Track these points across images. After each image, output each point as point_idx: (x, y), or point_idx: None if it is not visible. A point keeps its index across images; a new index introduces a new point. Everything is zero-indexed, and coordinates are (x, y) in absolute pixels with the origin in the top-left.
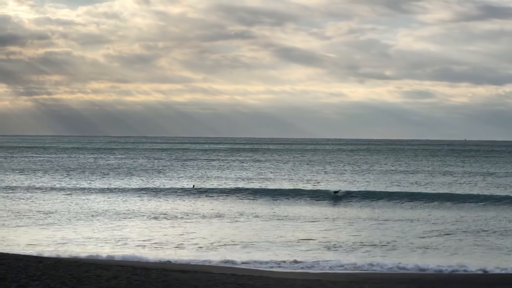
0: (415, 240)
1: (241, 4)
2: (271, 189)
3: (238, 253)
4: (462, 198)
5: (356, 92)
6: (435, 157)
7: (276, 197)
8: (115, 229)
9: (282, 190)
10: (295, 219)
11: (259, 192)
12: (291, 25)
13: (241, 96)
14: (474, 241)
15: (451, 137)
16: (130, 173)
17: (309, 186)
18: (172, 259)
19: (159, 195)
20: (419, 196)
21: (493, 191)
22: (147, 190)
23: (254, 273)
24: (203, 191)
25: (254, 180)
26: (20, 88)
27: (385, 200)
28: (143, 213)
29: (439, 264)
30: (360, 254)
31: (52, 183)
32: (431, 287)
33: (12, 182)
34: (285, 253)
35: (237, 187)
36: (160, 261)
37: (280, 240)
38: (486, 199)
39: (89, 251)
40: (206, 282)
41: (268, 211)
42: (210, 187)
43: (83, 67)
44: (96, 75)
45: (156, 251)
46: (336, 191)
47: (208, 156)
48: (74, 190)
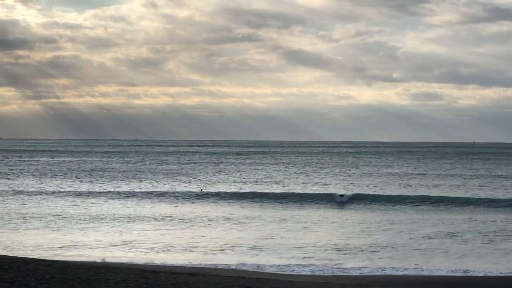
0: (423, 243)
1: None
2: (278, 193)
3: (246, 256)
4: (471, 201)
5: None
6: (443, 160)
7: (283, 201)
8: (124, 232)
9: (289, 194)
10: (303, 222)
11: (267, 196)
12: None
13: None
14: (482, 245)
15: (459, 139)
16: (138, 177)
17: (316, 189)
18: (181, 262)
19: (167, 199)
20: (427, 199)
21: (503, 194)
22: (155, 194)
23: (263, 276)
24: (211, 195)
25: (262, 183)
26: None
27: (392, 204)
28: (152, 217)
29: (447, 268)
30: (368, 257)
31: (61, 187)
32: None
33: (22, 186)
34: (293, 256)
35: (245, 191)
36: (169, 264)
37: (288, 243)
38: (495, 202)
39: (98, 254)
40: (215, 285)
41: (275, 214)
42: (218, 191)
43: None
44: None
45: (165, 254)
46: (342, 195)
47: (216, 160)
48: (83, 194)
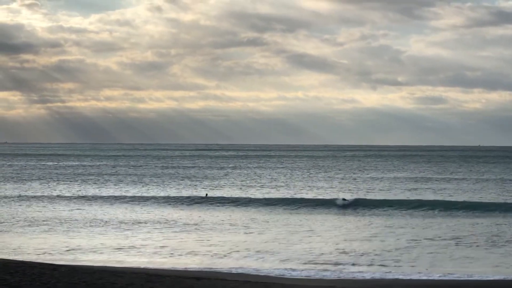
0: (426, 247)
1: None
2: (283, 198)
3: (252, 260)
4: (475, 206)
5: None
6: (448, 164)
7: (288, 205)
8: (129, 236)
9: (294, 199)
10: (307, 226)
11: (272, 200)
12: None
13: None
14: (486, 248)
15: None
16: (144, 181)
17: (321, 194)
18: (186, 266)
19: (173, 203)
20: (430, 204)
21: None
22: (161, 198)
23: (268, 280)
24: (216, 199)
25: (267, 188)
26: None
27: (396, 208)
28: (157, 221)
29: (450, 271)
30: (372, 261)
31: (67, 191)
32: None
33: (28, 190)
34: (298, 260)
35: (250, 196)
36: (174, 268)
37: (293, 247)
38: (500, 207)
39: (104, 258)
40: None
41: (280, 218)
42: (223, 196)
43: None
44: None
45: (170, 258)
46: (345, 199)
47: (221, 163)
48: (88, 198)
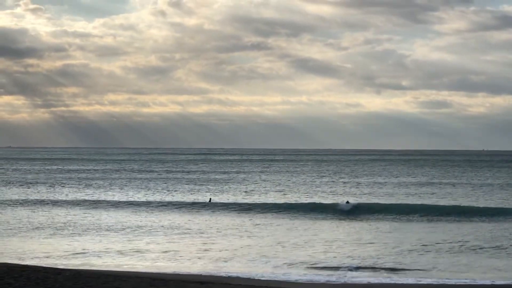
0: (429, 251)
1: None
2: (287, 202)
3: (256, 265)
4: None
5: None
6: (453, 168)
7: (292, 209)
8: (133, 241)
9: (298, 204)
10: (311, 231)
11: (276, 205)
12: (307, 36)
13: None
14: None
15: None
16: (148, 185)
17: (324, 198)
18: (190, 271)
19: (177, 208)
20: (433, 208)
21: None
22: (165, 203)
23: (272, 284)
24: (220, 204)
25: (271, 192)
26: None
27: (400, 213)
28: (161, 225)
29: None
30: (375, 265)
31: (71, 195)
32: None
33: (33, 194)
34: (302, 264)
35: (253, 201)
36: (178, 273)
37: (297, 252)
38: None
39: (108, 263)
40: None
41: (284, 223)
42: (227, 201)
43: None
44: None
45: (174, 263)
46: (349, 202)
47: (225, 168)
48: (93, 202)
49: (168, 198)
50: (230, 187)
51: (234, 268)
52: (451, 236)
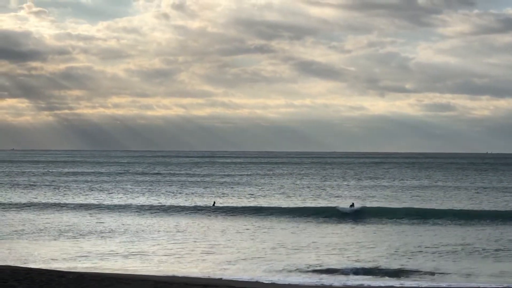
0: (432, 254)
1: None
2: (291, 206)
3: (259, 268)
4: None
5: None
6: (458, 171)
7: (295, 213)
8: (137, 244)
9: (302, 207)
10: (315, 234)
11: (278, 209)
12: (311, 39)
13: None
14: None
15: (473, 150)
16: (152, 188)
17: (328, 202)
18: (194, 274)
19: (180, 212)
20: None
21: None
22: (168, 206)
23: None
24: (224, 208)
25: (275, 195)
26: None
27: (403, 216)
28: (165, 228)
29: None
30: (378, 269)
31: (76, 198)
32: None
33: (37, 197)
34: (305, 267)
35: (258, 204)
36: (182, 275)
37: (300, 255)
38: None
39: (112, 266)
40: None
41: (288, 226)
42: (231, 205)
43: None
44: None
45: (178, 266)
46: (352, 205)
47: (229, 171)
48: (97, 205)
49: (172, 201)
50: (234, 190)
51: (238, 271)
52: (455, 239)
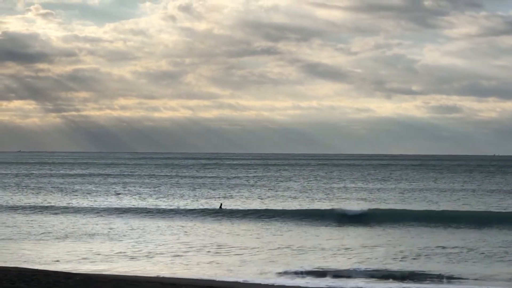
0: (438, 257)
1: (267, 20)
2: (298, 209)
3: (266, 269)
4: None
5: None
6: (465, 173)
7: (303, 216)
8: (144, 246)
9: (309, 209)
10: (321, 236)
11: (286, 211)
12: (317, 41)
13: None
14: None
15: (480, 152)
16: (159, 191)
17: (334, 203)
18: (201, 275)
19: (187, 214)
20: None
21: None
22: (176, 208)
23: None
24: (231, 211)
25: (282, 198)
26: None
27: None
28: (171, 231)
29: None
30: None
31: (83, 200)
32: None
33: (45, 201)
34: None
35: (264, 207)
36: (189, 277)
37: (307, 258)
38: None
39: (119, 267)
40: None
41: (294, 228)
42: (238, 207)
43: (111, 84)
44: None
45: (185, 267)
46: (358, 209)
47: (237, 173)
48: (104, 207)
49: (179, 203)
50: (241, 193)
51: (244, 273)
52: (464, 243)
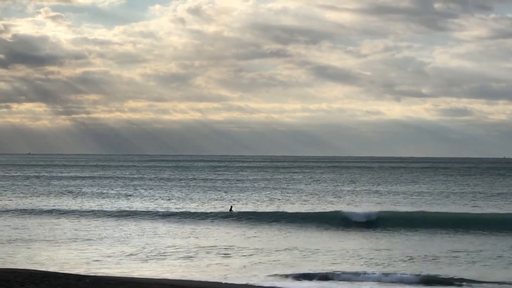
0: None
1: (277, 23)
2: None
3: (276, 272)
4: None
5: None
6: (476, 176)
7: (313, 219)
8: (153, 248)
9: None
10: (328, 239)
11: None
12: (327, 43)
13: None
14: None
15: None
16: (168, 194)
17: (344, 206)
18: (211, 278)
19: (197, 217)
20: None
21: None
22: (185, 211)
23: None
24: (241, 214)
25: (292, 200)
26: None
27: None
28: (181, 233)
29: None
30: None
31: (93, 203)
32: None
33: (56, 204)
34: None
35: (274, 210)
36: (198, 280)
37: (312, 261)
38: None
39: (128, 270)
40: None
41: (302, 231)
42: (248, 210)
43: (120, 86)
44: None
45: (195, 270)
46: (366, 212)
47: (247, 176)
48: (114, 210)
49: (189, 206)
50: (251, 195)
51: (254, 276)
52: (473, 246)
